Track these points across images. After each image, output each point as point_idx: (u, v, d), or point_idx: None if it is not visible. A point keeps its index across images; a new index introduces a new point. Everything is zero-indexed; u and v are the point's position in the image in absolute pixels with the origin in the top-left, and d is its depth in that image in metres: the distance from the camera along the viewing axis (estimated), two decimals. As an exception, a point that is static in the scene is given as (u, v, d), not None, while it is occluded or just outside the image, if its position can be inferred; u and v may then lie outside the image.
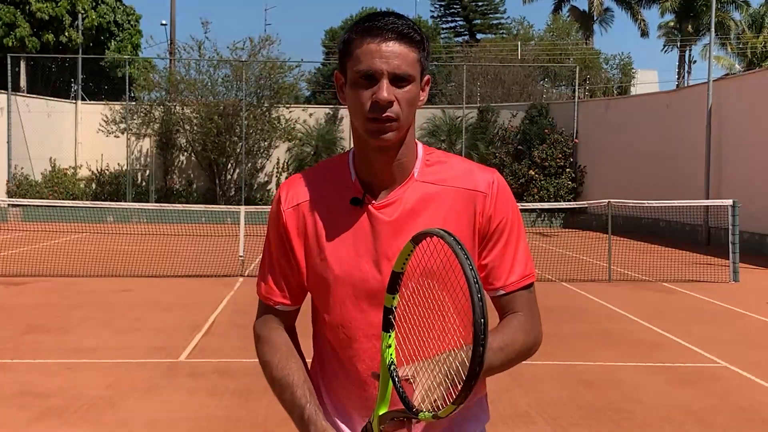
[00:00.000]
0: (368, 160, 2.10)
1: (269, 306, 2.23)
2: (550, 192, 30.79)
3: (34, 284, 14.00)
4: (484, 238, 2.11)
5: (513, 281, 2.12)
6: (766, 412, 6.98)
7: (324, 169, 2.22)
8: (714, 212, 23.07)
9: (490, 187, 2.11)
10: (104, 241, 21.89)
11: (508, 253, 2.12)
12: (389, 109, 1.98)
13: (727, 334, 10.59)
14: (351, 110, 2.05)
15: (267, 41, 33.33)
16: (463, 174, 2.13)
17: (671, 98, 28.38)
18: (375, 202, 2.09)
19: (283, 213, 2.15)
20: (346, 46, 2.05)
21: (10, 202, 26.43)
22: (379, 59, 1.97)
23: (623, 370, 8.45)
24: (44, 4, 35.44)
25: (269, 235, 2.22)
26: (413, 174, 2.11)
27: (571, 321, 11.14)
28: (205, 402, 6.99)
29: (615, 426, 6.49)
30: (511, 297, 2.13)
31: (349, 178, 2.14)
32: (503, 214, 2.11)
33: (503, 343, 2.01)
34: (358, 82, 2.00)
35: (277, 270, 2.20)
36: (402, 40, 1.99)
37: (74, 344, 9.29)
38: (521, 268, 2.13)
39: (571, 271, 16.68)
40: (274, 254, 2.20)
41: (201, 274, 15.39)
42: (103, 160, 32.72)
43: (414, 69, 2.01)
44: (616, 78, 48.39)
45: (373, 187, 2.11)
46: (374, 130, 2.00)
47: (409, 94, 2.01)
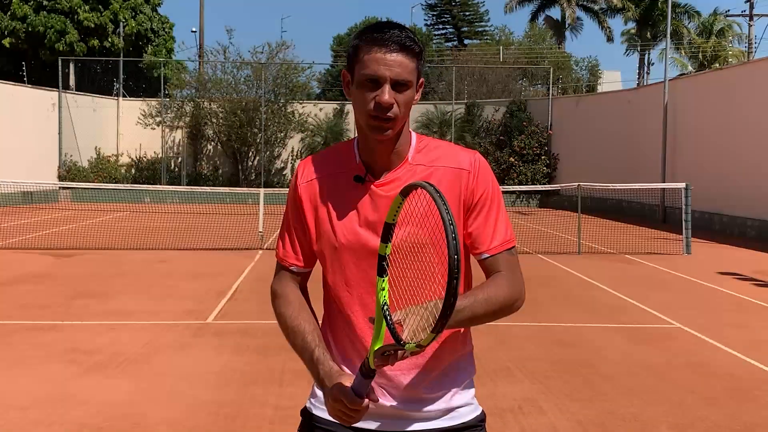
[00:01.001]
0: (370, 148, 2.13)
1: (285, 266, 2.26)
2: (527, 176, 30.74)
3: (81, 256, 13.97)
4: (469, 209, 2.13)
5: (495, 245, 2.14)
6: (713, 366, 6.96)
7: (334, 151, 2.26)
8: (669, 194, 23.09)
9: (473, 165, 2.14)
10: (142, 218, 21.84)
11: (489, 221, 2.14)
12: (390, 110, 2.02)
13: (680, 299, 10.57)
14: (356, 107, 2.09)
15: (283, 46, 33.22)
16: (449, 155, 2.16)
17: (633, 95, 28.32)
18: (376, 181, 2.12)
19: (298, 186, 2.20)
20: (355, 50, 2.09)
21: (61, 185, 26.45)
22: (383, 66, 2.02)
23: (591, 330, 8.43)
24: (91, 14, 35.23)
25: (288, 205, 2.26)
26: (408, 158, 2.15)
27: (546, 288, 11.11)
28: (230, 358, 6.97)
29: (584, 379, 6.47)
30: (495, 259, 2.15)
31: (354, 159, 2.17)
32: (484, 188, 2.14)
33: (487, 295, 2.04)
34: (364, 84, 2.04)
35: (294, 235, 2.24)
36: (403, 50, 2.03)
37: (116, 308, 9.27)
38: (502, 233, 2.15)
39: (546, 245, 16.65)
40: (290, 222, 2.24)
41: (226, 247, 15.36)
42: (141, 148, 32.66)
43: (412, 75, 2.05)
44: (585, 78, 48.18)
45: (374, 169, 2.14)
46: (375, 127, 2.05)
47: (407, 97, 2.06)
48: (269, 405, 5.61)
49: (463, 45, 57.11)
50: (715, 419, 5.48)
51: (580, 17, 52.52)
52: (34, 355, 6.95)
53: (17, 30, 34.57)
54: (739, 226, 20.03)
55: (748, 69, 21.83)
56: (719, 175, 20.78)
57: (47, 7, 34.76)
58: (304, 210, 2.19)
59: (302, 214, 2.19)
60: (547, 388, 6.15)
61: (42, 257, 13.65)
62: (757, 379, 6.55)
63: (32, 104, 28.68)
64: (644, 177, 23.56)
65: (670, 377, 6.55)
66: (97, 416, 5.31)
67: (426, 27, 61.56)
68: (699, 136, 22.28)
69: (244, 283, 11.31)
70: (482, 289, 2.06)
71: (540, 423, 5.35)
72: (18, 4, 34.53)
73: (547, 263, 13.85)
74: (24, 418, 5.29)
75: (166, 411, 5.50)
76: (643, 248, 16.36)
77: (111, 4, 36.15)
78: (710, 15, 48.64)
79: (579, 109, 30.70)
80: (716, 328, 8.52)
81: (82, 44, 35.24)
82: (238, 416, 5.40)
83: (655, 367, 6.86)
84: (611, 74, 51.90)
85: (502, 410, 5.53)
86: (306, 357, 2.09)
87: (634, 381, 6.42)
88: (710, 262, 14.29)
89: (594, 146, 28.65)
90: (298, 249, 2.23)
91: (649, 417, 5.52)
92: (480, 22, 61.32)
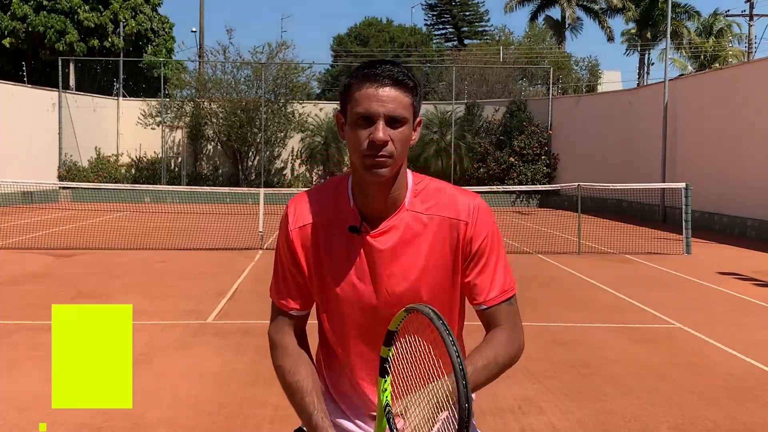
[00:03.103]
0: (365, 192, 2.06)
1: (283, 311, 2.19)
2: (527, 176, 30.72)
3: (81, 256, 13.97)
4: (467, 259, 2.09)
5: (493, 296, 2.10)
6: (713, 365, 6.96)
7: (326, 192, 2.17)
8: (669, 194, 23.08)
9: (471, 215, 2.08)
10: (142, 218, 21.84)
11: (487, 271, 2.09)
12: (384, 148, 1.95)
13: (680, 299, 10.56)
14: (350, 147, 2.02)
15: (283, 46, 33.16)
16: (447, 203, 2.09)
17: (633, 95, 28.29)
18: (371, 231, 2.06)
19: (290, 232, 2.13)
20: (347, 90, 2.02)
21: (61, 185, 26.43)
22: (376, 102, 1.94)
23: (591, 330, 8.43)
24: (91, 14, 35.20)
25: (280, 248, 2.19)
26: (404, 204, 2.08)
27: (546, 288, 11.11)
28: (230, 358, 6.97)
29: (583, 378, 6.47)
30: (493, 311, 2.10)
31: (347, 204, 2.10)
32: (483, 237, 2.08)
33: (486, 362, 2.00)
34: (357, 122, 1.97)
35: (289, 279, 2.17)
36: (397, 86, 1.96)
37: (116, 308, 9.24)
38: (500, 283, 2.10)
39: (546, 244, 16.65)
40: (285, 265, 2.17)
41: (226, 247, 15.35)
42: (141, 148, 32.65)
43: (407, 111, 1.98)
44: (585, 78, 48.15)
45: (369, 214, 2.07)
46: (370, 166, 1.96)
47: (403, 134, 1.98)
48: (269, 405, 5.61)
49: (463, 45, 57.13)
50: (715, 419, 5.48)
51: (580, 17, 52.53)
52: (34, 355, 6.94)
53: (17, 30, 34.57)
54: (739, 226, 20.02)
55: (748, 69, 21.82)
56: (719, 175, 20.77)
57: (47, 7, 34.75)
58: (299, 255, 2.13)
59: (297, 259, 2.13)
60: (547, 388, 6.15)
61: (42, 257, 13.65)
62: (757, 379, 6.55)
63: (32, 104, 28.68)
64: (644, 177, 23.56)
65: (670, 377, 6.55)
66: (97, 416, 5.31)
67: (426, 27, 61.59)
68: (699, 136, 22.26)
69: (244, 283, 11.30)
70: (480, 354, 2.01)
71: (540, 423, 5.35)
72: (18, 4, 34.52)
73: (547, 263, 13.84)
74: (24, 418, 5.29)
75: (166, 411, 5.50)
76: (643, 248, 16.35)
77: (111, 4, 36.14)
78: (710, 15, 48.70)
79: (579, 109, 30.69)
80: (716, 328, 8.52)
81: (82, 44, 35.23)
82: (238, 416, 5.40)
83: (655, 367, 6.86)
84: (611, 74, 51.91)
85: (501, 410, 5.53)
86: (304, 418, 2.06)
87: (634, 381, 6.41)
88: (710, 262, 14.29)
89: (594, 146, 28.64)
90: (295, 292, 2.17)
91: (649, 417, 5.52)
92: (480, 22, 61.38)
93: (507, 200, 30.07)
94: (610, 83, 48.60)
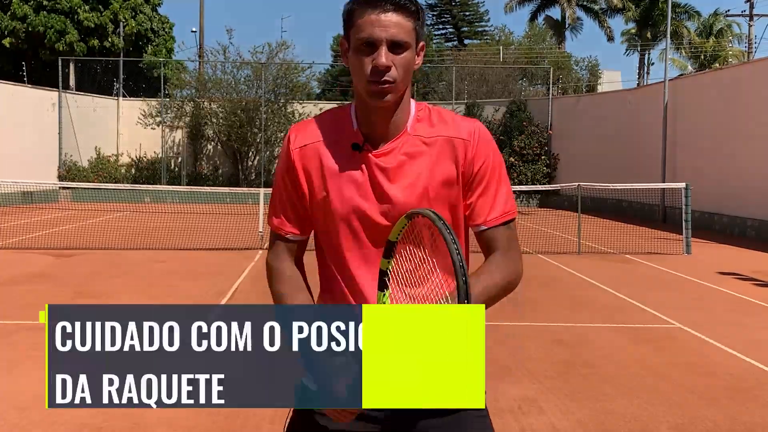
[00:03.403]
0: (367, 117, 2.07)
1: (281, 236, 2.18)
2: (527, 176, 30.72)
3: (81, 256, 13.97)
4: (468, 180, 2.09)
5: (493, 217, 2.09)
6: (713, 366, 6.96)
7: (329, 117, 2.18)
8: (669, 194, 23.07)
9: (472, 135, 2.09)
10: (142, 218, 21.83)
11: (489, 192, 2.09)
12: (387, 73, 1.96)
13: (680, 299, 10.56)
14: (353, 73, 2.03)
15: (283, 46, 33.13)
16: (448, 124, 2.10)
17: (633, 95, 28.29)
18: (374, 151, 2.07)
19: (291, 152, 2.12)
20: (349, 16, 2.02)
21: (61, 185, 26.46)
22: (378, 28, 1.95)
23: (591, 330, 8.43)
24: (91, 14, 35.18)
25: (279, 173, 2.17)
26: (407, 128, 2.09)
27: (546, 288, 11.11)
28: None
29: (584, 379, 6.47)
30: (491, 232, 2.10)
31: (351, 126, 2.10)
32: (484, 158, 2.09)
33: (482, 287, 1.98)
34: (360, 48, 1.98)
35: (287, 203, 2.15)
36: (399, 10, 1.97)
37: (116, 308, 9.25)
38: (501, 206, 2.10)
39: (546, 245, 16.64)
40: (283, 189, 2.16)
41: (226, 247, 15.35)
42: (141, 148, 32.64)
43: (410, 36, 1.99)
44: (585, 78, 48.13)
45: (372, 137, 2.08)
46: (374, 92, 1.98)
47: (405, 59, 1.99)
48: (269, 405, 5.60)
49: (463, 45, 57.06)
50: (715, 419, 5.48)
51: (580, 17, 52.46)
52: (34, 355, 6.94)
53: (17, 30, 34.55)
54: (739, 226, 20.02)
55: (748, 69, 21.82)
56: (719, 175, 20.77)
57: (47, 7, 34.73)
58: (299, 176, 2.11)
59: (297, 180, 2.12)
60: (547, 388, 6.15)
61: (42, 257, 13.65)
62: (757, 379, 6.55)
63: (32, 104, 28.67)
64: (644, 177, 23.55)
65: (670, 377, 6.55)
66: (97, 416, 5.31)
67: (426, 27, 61.58)
68: (699, 136, 22.26)
69: (244, 283, 11.30)
70: (477, 280, 1.99)
71: (540, 423, 5.35)
72: (18, 4, 34.51)
73: (547, 263, 13.84)
74: (24, 418, 5.29)
75: (166, 411, 5.49)
76: (643, 248, 16.34)
77: (111, 4, 36.12)
78: (710, 15, 48.70)
79: (579, 109, 30.68)
80: (716, 327, 8.52)
81: (82, 44, 35.22)
82: (238, 416, 5.40)
83: (655, 367, 6.86)
84: (611, 74, 51.84)
85: (501, 410, 5.53)
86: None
87: (634, 381, 6.41)
88: (710, 262, 14.28)
89: (594, 146, 28.63)
90: (293, 216, 2.15)
91: (649, 417, 5.52)
92: (480, 22, 61.28)
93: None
94: (610, 83, 48.57)
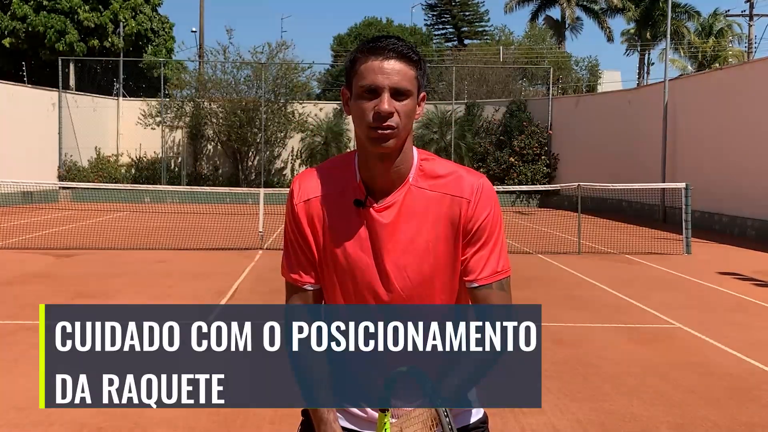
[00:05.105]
0: (370, 167, 2.07)
1: (297, 287, 2.17)
2: (527, 176, 30.74)
3: (81, 256, 13.97)
4: (466, 238, 2.09)
5: (485, 276, 2.08)
6: (713, 365, 6.96)
7: (332, 167, 2.18)
8: (669, 193, 23.08)
9: (474, 194, 2.08)
10: (142, 218, 21.84)
11: (483, 250, 2.08)
12: (389, 119, 1.97)
13: (681, 299, 10.56)
14: (355, 120, 2.04)
15: (283, 46, 33.15)
16: (451, 181, 2.10)
17: (633, 95, 28.30)
18: (375, 205, 2.08)
19: (295, 206, 2.13)
20: (353, 64, 2.04)
21: (61, 185, 26.49)
22: (381, 75, 1.97)
23: (591, 330, 8.43)
24: (91, 14, 35.18)
25: (288, 224, 2.18)
26: (408, 179, 2.09)
27: (546, 288, 11.11)
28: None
29: (584, 378, 6.47)
30: (484, 290, 2.09)
31: (354, 179, 2.11)
32: (483, 217, 2.08)
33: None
34: (362, 95, 2.00)
35: (300, 254, 2.15)
36: (401, 59, 2.00)
37: (116, 308, 9.25)
38: (494, 264, 2.09)
39: (546, 244, 16.65)
40: (294, 241, 2.16)
41: (226, 247, 15.35)
42: (141, 148, 32.65)
43: (412, 85, 2.00)
44: (585, 78, 48.12)
45: (374, 189, 2.09)
46: (376, 138, 1.99)
47: (407, 107, 2.00)
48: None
49: (463, 45, 57.07)
50: (715, 419, 5.48)
51: (580, 17, 52.49)
52: (34, 355, 6.92)
53: (17, 30, 34.55)
54: (739, 226, 20.02)
55: (748, 69, 21.81)
56: (719, 175, 20.77)
57: (47, 7, 34.73)
58: (305, 229, 2.13)
59: (304, 232, 2.13)
60: (547, 388, 6.14)
61: (42, 257, 13.65)
62: (757, 379, 6.55)
63: (32, 104, 28.68)
64: (644, 177, 23.55)
65: (670, 377, 6.55)
66: (97, 416, 5.31)
67: (426, 27, 61.43)
68: (699, 136, 22.27)
69: (244, 282, 11.30)
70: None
71: (540, 423, 5.35)
72: (18, 4, 34.51)
73: (547, 263, 13.84)
74: (24, 418, 5.29)
75: (166, 411, 5.49)
76: (643, 248, 16.35)
77: (111, 4, 36.11)
78: (710, 15, 48.68)
79: (579, 109, 30.68)
80: (716, 328, 8.52)
81: (82, 44, 35.21)
82: (238, 416, 5.40)
83: (655, 367, 6.86)
84: (611, 74, 51.83)
85: (501, 410, 5.52)
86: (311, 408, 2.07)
87: (634, 381, 6.41)
88: (710, 262, 14.28)
89: (594, 146, 28.64)
90: (307, 266, 2.15)
91: (649, 417, 5.52)
92: (480, 22, 61.27)
93: (507, 200, 30.07)
94: (610, 83, 48.56)
